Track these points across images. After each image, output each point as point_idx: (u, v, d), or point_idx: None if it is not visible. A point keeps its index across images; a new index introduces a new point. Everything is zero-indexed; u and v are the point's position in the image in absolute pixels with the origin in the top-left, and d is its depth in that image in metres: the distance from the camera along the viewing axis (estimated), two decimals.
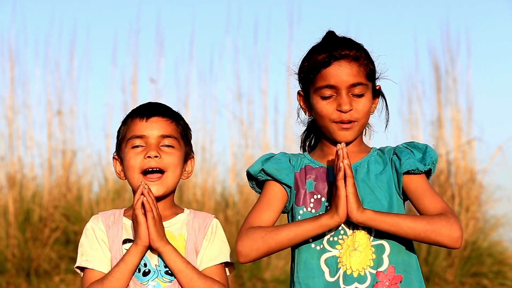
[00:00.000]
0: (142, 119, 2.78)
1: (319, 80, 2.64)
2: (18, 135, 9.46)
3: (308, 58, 2.68)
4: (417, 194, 2.64)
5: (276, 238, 2.58)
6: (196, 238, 2.77)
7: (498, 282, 8.61)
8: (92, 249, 2.74)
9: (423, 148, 2.69)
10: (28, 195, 9.06)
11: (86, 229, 2.78)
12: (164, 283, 2.70)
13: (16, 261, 8.56)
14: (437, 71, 9.64)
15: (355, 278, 2.60)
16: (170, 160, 2.76)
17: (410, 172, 2.65)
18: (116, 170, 2.85)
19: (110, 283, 2.66)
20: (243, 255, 2.61)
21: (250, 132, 9.54)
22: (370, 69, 2.66)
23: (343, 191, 2.52)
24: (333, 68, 2.62)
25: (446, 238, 2.55)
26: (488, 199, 9.19)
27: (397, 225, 2.54)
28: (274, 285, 8.39)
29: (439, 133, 9.47)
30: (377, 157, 2.71)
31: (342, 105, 2.62)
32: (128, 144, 2.78)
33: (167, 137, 2.77)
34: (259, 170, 2.72)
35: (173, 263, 2.68)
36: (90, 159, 9.46)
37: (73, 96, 9.66)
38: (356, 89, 2.63)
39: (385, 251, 2.62)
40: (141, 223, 2.66)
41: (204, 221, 2.80)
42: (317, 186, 2.68)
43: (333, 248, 2.63)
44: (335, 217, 2.54)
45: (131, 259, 2.67)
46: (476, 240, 8.77)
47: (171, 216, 2.79)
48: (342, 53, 2.62)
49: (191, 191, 9.11)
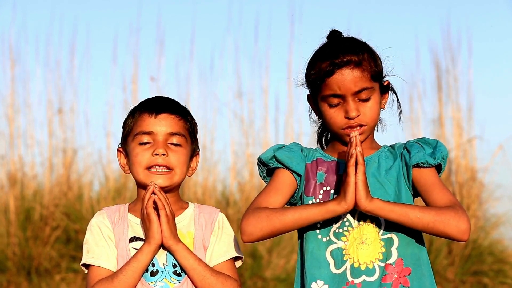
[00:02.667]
0: (151, 115, 2.77)
1: (325, 89, 2.66)
2: (19, 134, 9.47)
3: (313, 65, 2.70)
4: (426, 187, 2.64)
5: (281, 218, 2.58)
6: (204, 235, 2.76)
7: (499, 281, 8.61)
8: (98, 246, 2.72)
9: (433, 143, 2.71)
10: (29, 194, 9.06)
11: (91, 225, 2.76)
12: (172, 283, 2.70)
13: (17, 260, 8.56)
14: (438, 70, 9.64)
15: (363, 271, 2.61)
16: (177, 158, 2.75)
17: (420, 165, 2.65)
18: (120, 162, 2.84)
19: (120, 281, 2.65)
20: (247, 234, 2.59)
21: (250, 130, 9.54)
22: (375, 70, 2.67)
23: (353, 177, 2.51)
24: (336, 77, 2.63)
25: (454, 230, 2.54)
26: (489, 197, 9.19)
27: (406, 214, 2.54)
28: (274, 283, 8.39)
29: (440, 132, 9.47)
30: (387, 153, 2.72)
31: (349, 112, 2.63)
32: (135, 139, 2.76)
33: (175, 134, 2.77)
34: (271, 156, 2.72)
35: (186, 261, 2.67)
36: (91, 157, 9.48)
37: (74, 95, 9.67)
38: (362, 95, 2.64)
39: (394, 243, 2.62)
40: (154, 221, 2.65)
41: (210, 216, 2.79)
42: (327, 178, 2.69)
43: (339, 240, 2.63)
44: (342, 203, 2.53)
45: (143, 257, 2.66)
46: (476, 239, 8.77)
47: (178, 212, 2.78)
48: (344, 60, 2.63)
49: (192, 190, 9.11)
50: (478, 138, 9.39)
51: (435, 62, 9.66)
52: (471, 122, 9.47)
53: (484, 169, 9.25)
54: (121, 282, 2.64)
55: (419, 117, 9.57)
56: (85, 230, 2.80)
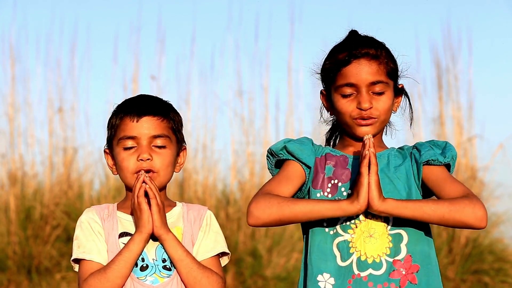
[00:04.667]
0: (132, 119, 2.76)
1: (340, 79, 2.66)
2: (19, 133, 9.47)
3: (330, 57, 2.71)
4: (438, 182, 2.64)
5: (292, 207, 2.57)
6: (193, 230, 2.77)
7: (499, 280, 8.61)
8: (88, 240, 2.73)
9: (442, 144, 2.71)
10: (29, 193, 9.06)
11: (80, 222, 2.77)
12: (162, 278, 2.70)
13: (17, 259, 8.56)
14: (438, 69, 9.64)
15: (370, 265, 2.60)
16: (162, 161, 2.76)
17: (430, 162, 2.65)
18: (108, 163, 2.85)
19: (113, 271, 2.65)
20: (254, 217, 2.59)
21: (251, 129, 9.54)
22: (391, 67, 2.69)
23: (366, 178, 2.51)
24: (353, 67, 2.64)
25: (470, 217, 2.53)
26: (489, 196, 9.18)
27: (420, 209, 2.53)
28: (275, 282, 8.39)
29: (440, 131, 9.47)
30: (396, 153, 2.73)
31: (362, 103, 2.64)
32: (119, 144, 2.77)
33: (159, 136, 2.77)
34: (282, 147, 2.72)
35: (174, 251, 2.69)
36: (91, 156, 9.47)
37: (74, 94, 9.67)
38: (376, 87, 2.65)
39: (403, 240, 2.62)
40: (145, 210, 2.66)
41: (199, 213, 2.81)
42: (336, 172, 2.69)
43: (345, 233, 2.63)
44: (355, 203, 2.53)
45: (135, 247, 2.67)
46: (477, 238, 8.77)
47: (166, 209, 2.78)
48: (362, 51, 2.64)
49: (192, 189, 9.11)
50: (478, 137, 9.40)
51: (435, 61, 9.67)
52: (472, 121, 9.48)
53: (485, 168, 9.26)
54: (114, 272, 2.65)
55: (419, 116, 9.57)
56: None
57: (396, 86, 2.74)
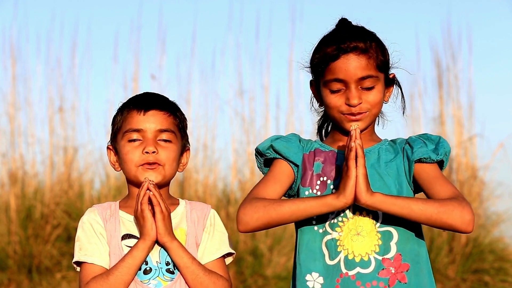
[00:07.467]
0: (139, 112, 2.76)
1: (328, 74, 2.61)
2: (20, 132, 9.47)
3: (318, 50, 2.65)
4: (429, 180, 2.59)
5: (278, 209, 2.53)
6: (196, 231, 2.76)
7: (500, 279, 8.61)
8: (90, 243, 2.71)
9: (436, 139, 2.66)
10: (29, 192, 9.06)
11: (82, 223, 2.75)
12: (165, 281, 2.69)
13: (18, 258, 8.57)
14: (438, 68, 9.64)
15: (357, 263, 2.56)
16: (167, 155, 2.74)
17: (422, 160, 2.61)
18: (110, 160, 2.84)
19: (116, 278, 2.63)
20: (243, 223, 2.56)
21: (251, 128, 9.54)
22: (381, 60, 2.62)
23: (353, 171, 2.46)
24: (341, 62, 2.58)
25: (458, 221, 2.49)
26: (490, 195, 9.19)
27: (408, 207, 2.49)
28: (275, 281, 8.39)
29: (441, 130, 9.46)
30: (388, 147, 2.68)
31: (350, 99, 2.58)
32: (124, 137, 2.76)
33: (165, 131, 2.75)
34: (268, 146, 2.69)
35: (179, 258, 2.67)
36: (92, 155, 9.48)
37: (75, 93, 9.67)
38: (366, 82, 2.59)
39: (393, 238, 2.58)
40: (148, 218, 2.64)
41: (202, 213, 2.79)
42: (324, 168, 2.65)
43: (333, 231, 2.59)
44: (340, 198, 2.49)
45: (139, 254, 2.65)
46: (477, 237, 8.76)
47: (170, 208, 2.75)
48: (350, 45, 2.58)
49: (193, 188, 9.11)
50: (478, 136, 9.39)
51: (435, 60, 9.66)
52: (472, 120, 9.48)
53: (485, 167, 9.25)
54: (116, 279, 2.63)
55: (419, 115, 9.57)
56: None
57: (387, 77, 2.68)
